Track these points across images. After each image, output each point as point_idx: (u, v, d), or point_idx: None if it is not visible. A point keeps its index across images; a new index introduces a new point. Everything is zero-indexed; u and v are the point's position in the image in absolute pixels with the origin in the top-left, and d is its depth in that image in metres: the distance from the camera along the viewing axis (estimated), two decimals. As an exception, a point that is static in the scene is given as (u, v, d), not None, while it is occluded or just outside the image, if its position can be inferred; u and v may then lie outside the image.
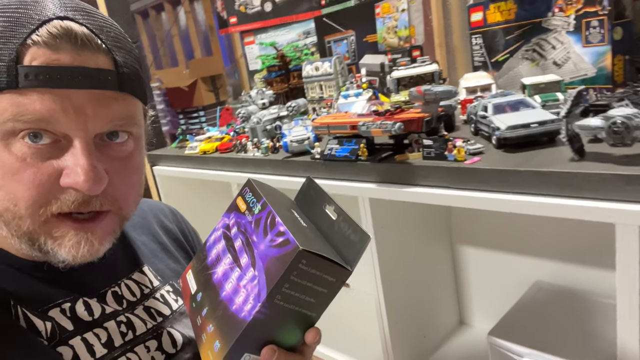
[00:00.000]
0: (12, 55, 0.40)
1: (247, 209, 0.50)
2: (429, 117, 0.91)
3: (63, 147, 0.44)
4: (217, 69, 2.98)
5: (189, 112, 3.01)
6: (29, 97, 0.41)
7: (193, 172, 1.38)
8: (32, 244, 0.45)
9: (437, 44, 1.56)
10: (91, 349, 0.48)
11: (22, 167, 0.42)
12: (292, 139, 1.10)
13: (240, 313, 0.43)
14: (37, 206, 0.43)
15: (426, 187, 0.87)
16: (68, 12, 0.44)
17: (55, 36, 0.42)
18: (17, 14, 0.42)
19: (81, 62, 0.43)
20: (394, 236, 1.04)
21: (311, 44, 1.78)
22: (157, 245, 0.64)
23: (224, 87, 2.99)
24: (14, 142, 0.42)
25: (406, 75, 1.19)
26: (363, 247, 0.45)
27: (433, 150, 0.88)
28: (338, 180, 1.01)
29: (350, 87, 1.33)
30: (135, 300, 0.55)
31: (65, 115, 0.42)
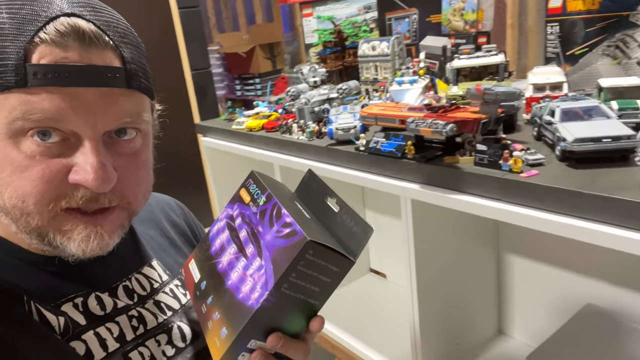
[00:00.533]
0: (20, 53, 0.40)
1: (252, 201, 0.52)
2: (486, 119, 0.84)
3: (72, 145, 0.44)
4: (277, 36, 2.94)
5: (245, 78, 3.01)
6: (38, 95, 0.41)
7: (238, 147, 1.37)
8: (42, 239, 0.45)
9: (509, 25, 1.44)
10: (104, 343, 0.48)
11: (31, 165, 0.42)
12: (338, 126, 1.06)
13: (247, 301, 0.45)
14: (46, 202, 0.43)
15: (474, 196, 0.80)
16: (75, 9, 0.43)
17: (62, 34, 0.41)
18: (23, 10, 0.41)
19: (89, 59, 0.43)
20: (435, 237, 0.98)
21: (371, 19, 1.70)
22: (165, 239, 0.64)
23: (281, 55, 2.95)
24: (23, 140, 0.42)
25: (467, 65, 1.10)
26: (366, 239, 0.46)
27: (486, 157, 0.80)
28: (381, 176, 0.96)
29: (405, 72, 1.25)
30: (146, 294, 0.55)
31: (74, 113, 0.42)
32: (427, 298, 1.00)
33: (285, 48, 2.89)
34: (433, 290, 1.01)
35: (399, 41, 1.42)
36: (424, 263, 0.97)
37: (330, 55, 1.63)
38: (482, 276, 1.14)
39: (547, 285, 1.09)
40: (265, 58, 2.90)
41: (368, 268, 1.57)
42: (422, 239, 0.96)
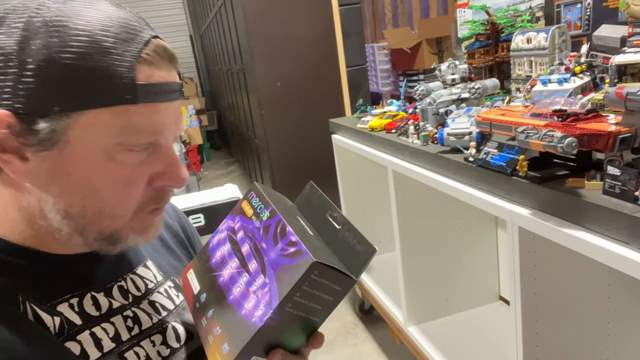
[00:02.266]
0: (131, 73, 0.44)
1: (254, 215, 0.51)
2: (628, 133, 0.62)
3: (150, 152, 0.47)
4: (446, 29, 2.77)
5: (410, 74, 2.92)
6: (145, 112, 0.45)
7: (359, 147, 1.32)
8: (109, 239, 0.48)
9: None
10: (99, 344, 0.49)
11: (126, 174, 0.46)
12: (450, 131, 0.92)
13: (250, 318, 0.45)
14: (135, 208, 0.47)
15: (595, 234, 0.61)
16: (151, 30, 0.48)
17: (160, 55, 0.46)
18: (113, 28, 0.45)
19: (172, 77, 0.47)
20: (551, 278, 0.78)
21: (537, 7, 1.44)
22: (158, 240, 0.64)
23: (450, 49, 2.77)
24: (116, 152, 0.45)
25: (634, 61, 0.84)
26: (369, 259, 0.46)
27: (618, 185, 0.60)
28: (488, 194, 0.80)
29: (556, 69, 1.02)
30: (141, 294, 0.55)
31: (169, 126, 0.47)
32: (538, 351, 0.80)
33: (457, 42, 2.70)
34: (550, 345, 0.81)
35: (560, 32, 1.17)
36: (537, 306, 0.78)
37: (479, 50, 1.44)
38: (630, 340, 0.87)
39: None
40: (431, 53, 2.76)
41: (497, 295, 1.36)
42: (534, 278, 0.77)
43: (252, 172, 3.74)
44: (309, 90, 2.59)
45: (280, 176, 2.64)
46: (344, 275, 0.46)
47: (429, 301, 1.28)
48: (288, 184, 2.56)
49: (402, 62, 2.91)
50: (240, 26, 2.77)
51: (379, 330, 1.80)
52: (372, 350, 1.73)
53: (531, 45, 1.24)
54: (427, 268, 1.25)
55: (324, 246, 0.49)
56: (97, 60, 0.43)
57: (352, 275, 0.46)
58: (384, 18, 3.43)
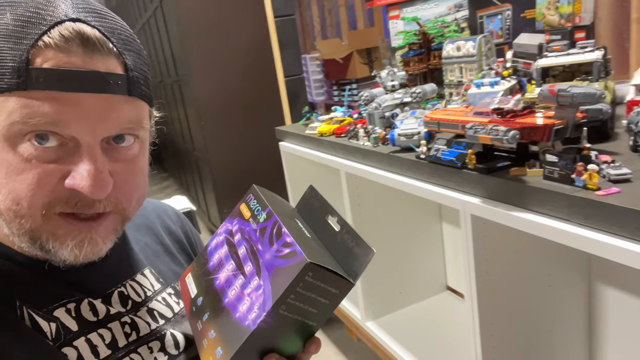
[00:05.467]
0: (23, 56, 0.40)
1: (252, 217, 0.50)
2: (560, 125, 0.71)
3: (69, 150, 0.43)
4: (374, 41, 2.90)
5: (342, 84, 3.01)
6: (39, 99, 0.41)
7: (309, 153, 1.36)
8: (34, 243, 0.45)
9: (634, 19, 1.23)
10: (95, 350, 0.48)
11: (27, 168, 0.42)
12: (401, 132, 0.99)
13: (244, 321, 0.44)
14: (40, 206, 0.43)
15: (540, 215, 0.69)
16: (80, 14, 0.43)
17: (67, 39, 0.41)
18: (28, 12, 0.41)
19: (92, 65, 0.42)
20: (502, 262, 0.87)
21: (462, 18, 1.57)
22: (159, 246, 0.63)
23: (379, 59, 2.90)
24: (20, 143, 0.42)
25: (556, 63, 0.95)
26: (367, 261, 0.45)
27: (557, 170, 0.68)
28: (441, 187, 0.87)
29: (487, 73, 1.13)
30: (139, 301, 0.54)
31: (75, 119, 0.42)
32: (493, 327, 0.88)
33: (386, 53, 2.83)
34: (502, 320, 0.89)
35: (486, 40, 1.29)
36: (490, 287, 0.86)
37: (413, 58, 1.54)
38: (569, 309, 0.98)
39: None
40: (362, 63, 2.88)
41: (445, 285, 1.45)
42: (486, 260, 0.85)
43: (190, 186, 3.65)
44: (248, 100, 2.60)
45: (223, 188, 2.62)
46: (341, 278, 0.44)
47: (384, 296, 1.34)
48: (232, 195, 2.54)
49: (335, 72, 3.00)
50: (174, 37, 2.72)
51: (336, 331, 1.84)
52: (330, 353, 1.77)
53: (460, 53, 1.34)
54: (381, 264, 1.31)
55: (321, 248, 0.48)
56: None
57: (349, 277, 0.45)
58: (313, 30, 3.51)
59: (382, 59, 2.96)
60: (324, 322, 0.48)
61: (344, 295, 0.46)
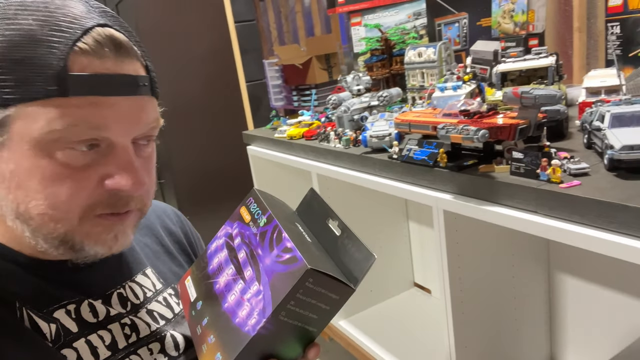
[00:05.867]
0: (61, 63, 0.40)
1: (252, 220, 0.50)
2: (524, 124, 0.77)
3: (102, 151, 0.44)
4: (333, 47, 2.95)
5: (302, 89, 3.04)
6: (80, 106, 0.41)
7: (279, 156, 1.37)
8: (63, 245, 0.45)
9: (576, 28, 1.33)
10: (95, 351, 0.48)
11: (65, 173, 0.43)
12: (372, 134, 1.03)
13: (243, 327, 0.43)
14: (79, 210, 0.44)
15: (509, 208, 0.74)
16: (104, 19, 0.44)
17: (101, 44, 0.42)
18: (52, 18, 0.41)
19: (123, 69, 0.43)
20: (472, 254, 0.92)
21: (421, 26, 1.65)
22: (160, 247, 0.63)
23: (337, 65, 2.95)
24: (55, 149, 0.42)
25: (514, 68, 1.02)
26: (368, 267, 0.45)
27: (522, 166, 0.74)
28: (414, 185, 0.92)
29: (449, 78, 1.19)
30: (139, 302, 0.54)
31: (115, 123, 0.43)
32: (465, 317, 0.93)
33: (343, 59, 2.89)
34: (472, 309, 0.94)
35: (445, 47, 1.36)
36: (461, 279, 0.91)
37: (376, 63, 1.60)
38: (531, 296, 1.05)
39: (603, 309, 0.98)
40: (321, 69, 2.92)
41: (412, 282, 1.51)
42: (458, 254, 0.90)
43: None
44: (211, 105, 2.58)
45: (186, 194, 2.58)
46: (341, 284, 0.44)
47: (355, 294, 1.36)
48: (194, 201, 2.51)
49: (294, 78, 3.03)
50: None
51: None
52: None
53: (422, 59, 1.41)
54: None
55: (322, 253, 0.47)
56: (28, 51, 0.40)
57: (350, 283, 0.45)
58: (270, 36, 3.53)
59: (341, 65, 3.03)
60: (324, 327, 0.48)
61: (345, 301, 0.46)
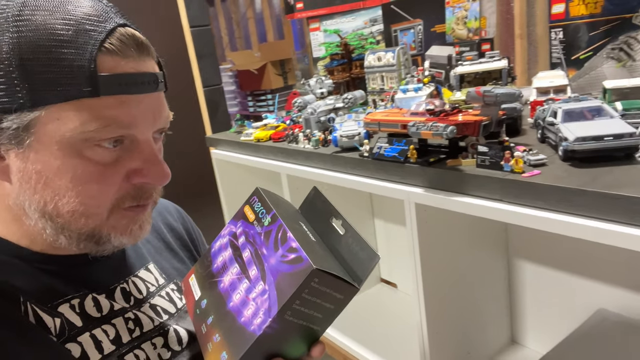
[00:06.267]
0: (91, 64, 0.41)
1: (256, 220, 0.50)
2: (487, 121, 0.84)
3: (127, 147, 0.45)
4: (287, 53, 2.98)
5: (258, 94, 3.05)
6: (110, 106, 0.42)
7: (246, 158, 1.39)
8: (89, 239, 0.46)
9: (518, 35, 1.44)
10: (99, 346, 0.48)
11: (95, 170, 0.44)
12: (342, 133, 1.06)
13: (249, 326, 0.43)
14: (110, 204, 0.45)
15: (478, 198, 0.80)
16: (121, 19, 0.45)
17: (125, 44, 0.43)
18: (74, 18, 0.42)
19: (144, 67, 0.45)
20: (441, 242, 0.98)
21: (377, 32, 1.71)
22: (161, 243, 0.64)
23: (292, 71, 2.99)
24: (85, 148, 0.43)
25: (471, 71, 1.10)
26: (372, 266, 0.45)
27: (488, 159, 0.80)
28: (385, 181, 0.96)
29: (410, 80, 1.26)
30: (142, 297, 0.55)
31: (141, 119, 0.45)
32: (435, 306, 0.98)
33: (297, 65, 2.93)
34: (441, 298, 1.00)
35: (403, 51, 1.43)
36: (431, 270, 0.97)
37: (337, 67, 1.65)
38: (493, 283, 1.13)
39: (559, 291, 1.07)
40: (276, 74, 2.94)
41: (379, 278, 1.56)
42: (428, 245, 0.95)
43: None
44: (168, 110, 2.53)
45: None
46: (346, 283, 0.44)
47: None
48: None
49: (249, 83, 3.03)
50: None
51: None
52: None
53: (381, 63, 1.47)
54: (320, 263, 1.38)
55: (326, 253, 0.47)
56: (56, 53, 0.41)
57: (355, 283, 0.45)
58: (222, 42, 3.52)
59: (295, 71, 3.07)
60: (328, 326, 0.48)
61: (349, 300, 0.47)
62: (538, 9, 1.37)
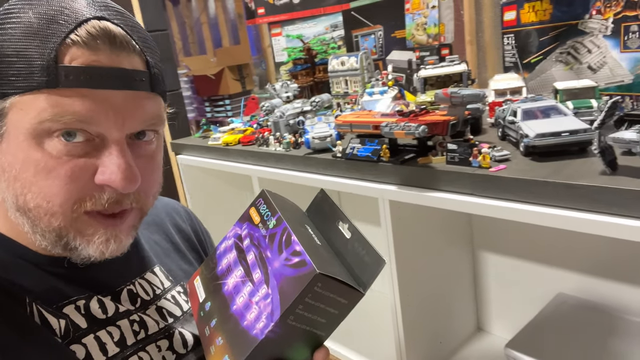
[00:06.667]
0: (51, 54, 0.40)
1: (261, 222, 0.50)
2: (454, 120, 0.89)
3: (96, 146, 0.44)
4: (244, 58, 2.98)
5: (215, 100, 3.03)
6: (69, 97, 0.41)
7: (215, 163, 1.38)
8: (59, 241, 0.45)
9: (468, 41, 1.52)
10: (104, 348, 0.48)
11: (58, 164, 0.42)
12: (315, 135, 1.09)
13: (251, 330, 0.43)
14: (72, 203, 0.43)
15: (449, 193, 0.85)
16: (103, 12, 0.44)
17: (94, 36, 0.42)
18: (51, 11, 0.41)
19: (118, 62, 0.43)
20: (413, 239, 1.02)
21: (338, 37, 1.76)
22: (169, 244, 0.64)
23: (250, 76, 2.99)
24: (47, 141, 0.42)
25: (433, 74, 1.16)
26: (377, 271, 0.45)
27: (457, 155, 0.85)
28: (359, 180, 1.00)
29: (375, 84, 1.31)
30: (148, 299, 0.55)
31: (105, 116, 0.43)
32: (409, 300, 1.03)
33: (254, 70, 2.93)
34: (415, 291, 1.04)
35: (366, 56, 1.48)
36: (405, 265, 1.01)
37: (301, 72, 1.67)
38: (460, 274, 1.19)
39: (519, 279, 1.14)
40: (234, 80, 2.94)
41: (347, 277, 1.59)
42: (401, 241, 0.99)
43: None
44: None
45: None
46: (350, 288, 0.44)
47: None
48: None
49: (206, 88, 3.01)
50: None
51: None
52: None
53: (345, 67, 1.51)
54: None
55: (331, 257, 0.47)
56: (24, 44, 0.40)
57: (359, 288, 0.44)
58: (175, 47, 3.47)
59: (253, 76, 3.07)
60: (332, 331, 0.48)
61: (354, 306, 0.46)
62: (486, 17, 1.46)
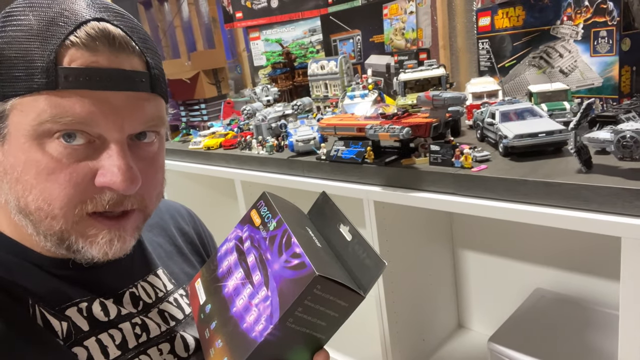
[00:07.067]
0: (51, 56, 0.40)
1: (262, 224, 0.50)
2: (436, 122, 0.92)
3: (97, 147, 0.44)
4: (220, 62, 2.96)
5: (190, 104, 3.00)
6: (69, 99, 0.41)
7: (197, 167, 1.38)
8: (61, 243, 0.45)
9: (441, 46, 1.56)
10: (105, 350, 0.48)
11: (58, 167, 0.42)
12: (298, 138, 1.10)
13: (251, 332, 0.43)
14: (72, 205, 0.43)
15: (432, 193, 0.87)
16: (103, 14, 0.44)
17: (94, 38, 0.42)
18: (51, 13, 0.42)
19: (118, 64, 0.43)
20: (397, 238, 1.04)
21: (317, 41, 1.78)
22: (172, 247, 0.64)
23: (225, 80, 2.97)
24: (48, 142, 0.42)
25: (413, 78, 1.19)
26: (378, 274, 0.45)
27: (440, 156, 0.88)
28: (343, 182, 1.01)
29: (356, 87, 1.33)
30: (151, 302, 0.55)
31: (104, 117, 0.43)
32: (394, 300, 1.05)
33: (229, 74, 2.92)
34: (399, 291, 1.07)
35: (345, 60, 1.50)
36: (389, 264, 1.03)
37: (280, 76, 1.68)
38: (441, 273, 1.22)
39: (498, 276, 1.18)
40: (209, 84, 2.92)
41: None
42: (386, 241, 1.01)
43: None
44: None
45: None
46: (350, 291, 0.43)
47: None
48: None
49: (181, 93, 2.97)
50: None
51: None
52: None
53: (325, 71, 1.53)
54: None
55: (332, 259, 0.46)
56: (24, 46, 0.41)
57: (359, 290, 0.44)
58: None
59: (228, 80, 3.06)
60: (332, 334, 0.48)
61: (354, 308, 0.46)
62: (458, 23, 1.51)
